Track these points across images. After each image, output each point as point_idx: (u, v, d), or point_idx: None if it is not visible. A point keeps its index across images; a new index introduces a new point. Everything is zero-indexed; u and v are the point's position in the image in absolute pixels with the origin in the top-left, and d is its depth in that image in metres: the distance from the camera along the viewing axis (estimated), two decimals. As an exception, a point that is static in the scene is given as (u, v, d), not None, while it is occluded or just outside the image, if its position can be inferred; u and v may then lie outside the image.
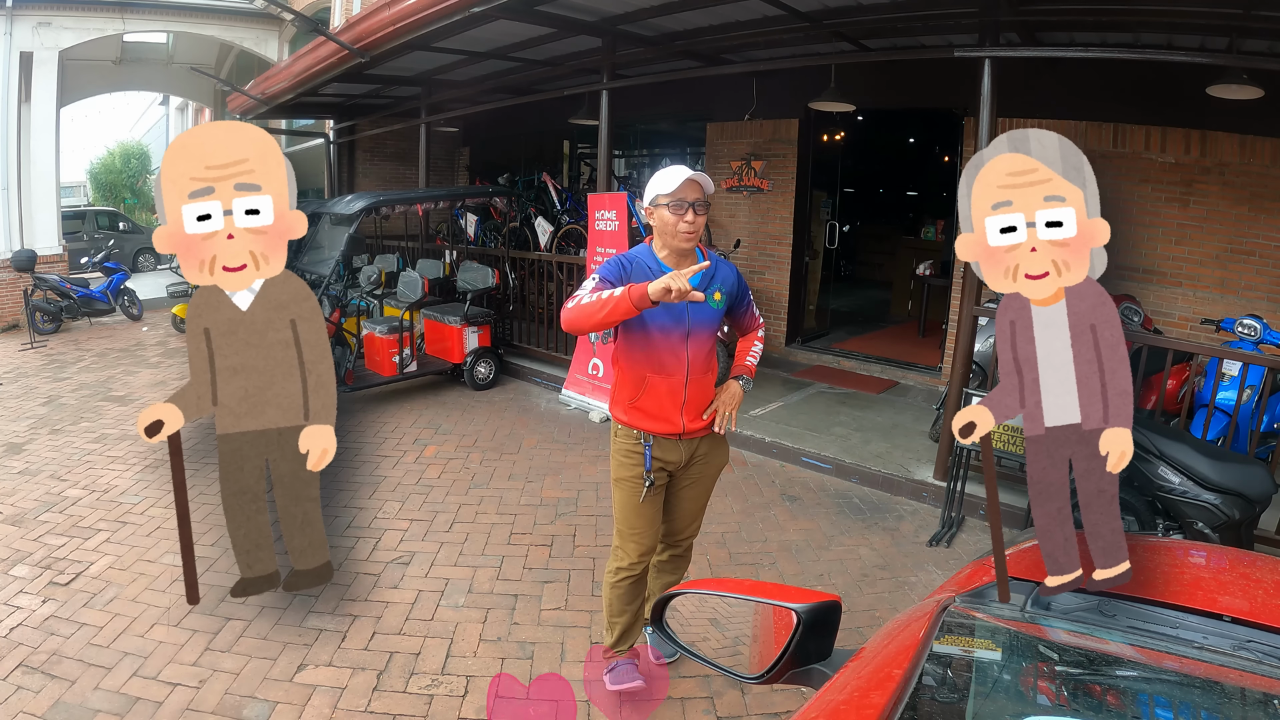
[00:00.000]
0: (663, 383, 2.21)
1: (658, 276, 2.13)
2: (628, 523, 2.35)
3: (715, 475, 2.44)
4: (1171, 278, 5.24)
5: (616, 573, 2.41)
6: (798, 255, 7.28)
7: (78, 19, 10.37)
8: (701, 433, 2.31)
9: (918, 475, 4.36)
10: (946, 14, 4.53)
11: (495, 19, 5.15)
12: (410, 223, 8.79)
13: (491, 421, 5.56)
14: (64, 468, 4.51)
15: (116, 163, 23.32)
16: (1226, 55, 4.07)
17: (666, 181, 2.13)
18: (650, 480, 2.28)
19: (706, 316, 2.22)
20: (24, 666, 2.59)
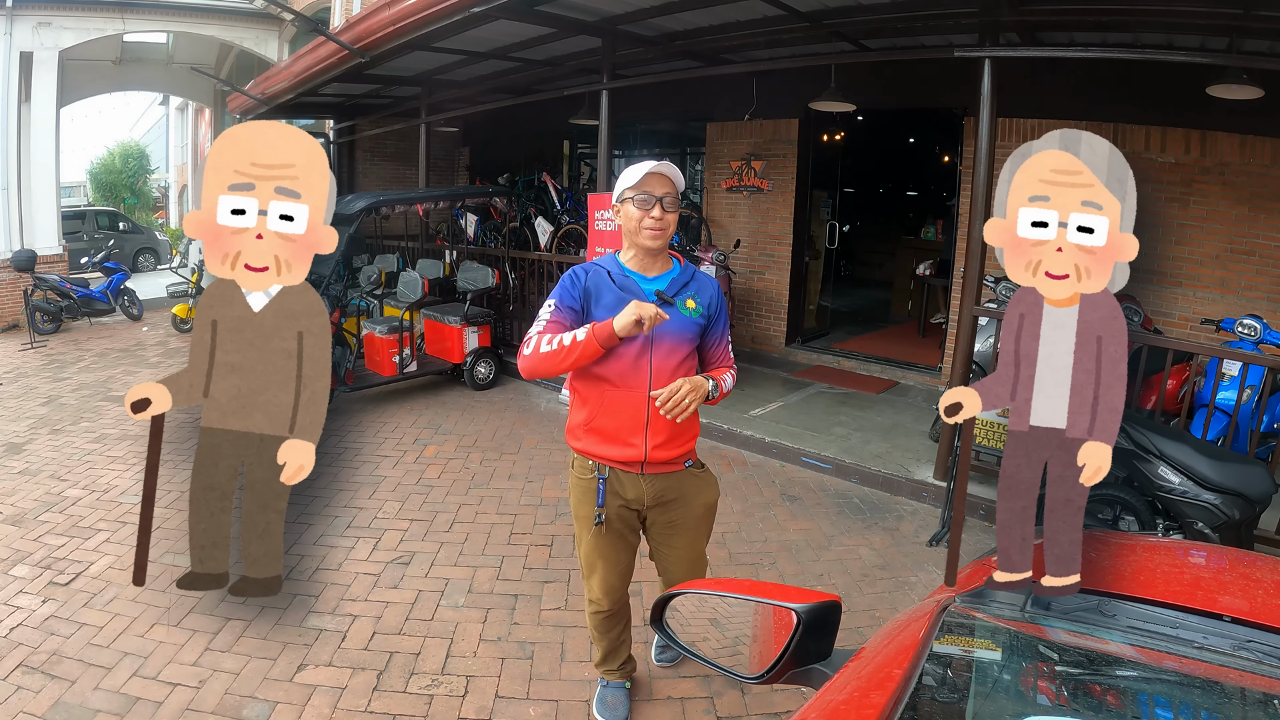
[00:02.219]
0: (623, 398, 1.96)
1: (617, 288, 1.97)
2: (588, 561, 2.16)
3: (705, 515, 2.17)
4: (1171, 278, 5.24)
5: (589, 603, 2.25)
6: (798, 255, 7.28)
7: (78, 19, 10.37)
8: (668, 467, 2.04)
9: (918, 475, 4.36)
10: (946, 14, 4.53)
11: (495, 19, 5.15)
12: (410, 223, 8.79)
13: (491, 421, 5.56)
14: (64, 468, 4.51)
15: (116, 163, 23.29)
16: (1226, 55, 4.07)
17: (631, 174, 1.95)
18: (600, 518, 2.03)
19: (675, 324, 1.96)
20: (24, 666, 2.59)
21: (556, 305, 1.97)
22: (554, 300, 1.99)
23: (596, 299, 1.98)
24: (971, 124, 5.50)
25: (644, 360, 1.96)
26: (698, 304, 2.03)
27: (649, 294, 1.98)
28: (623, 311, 1.80)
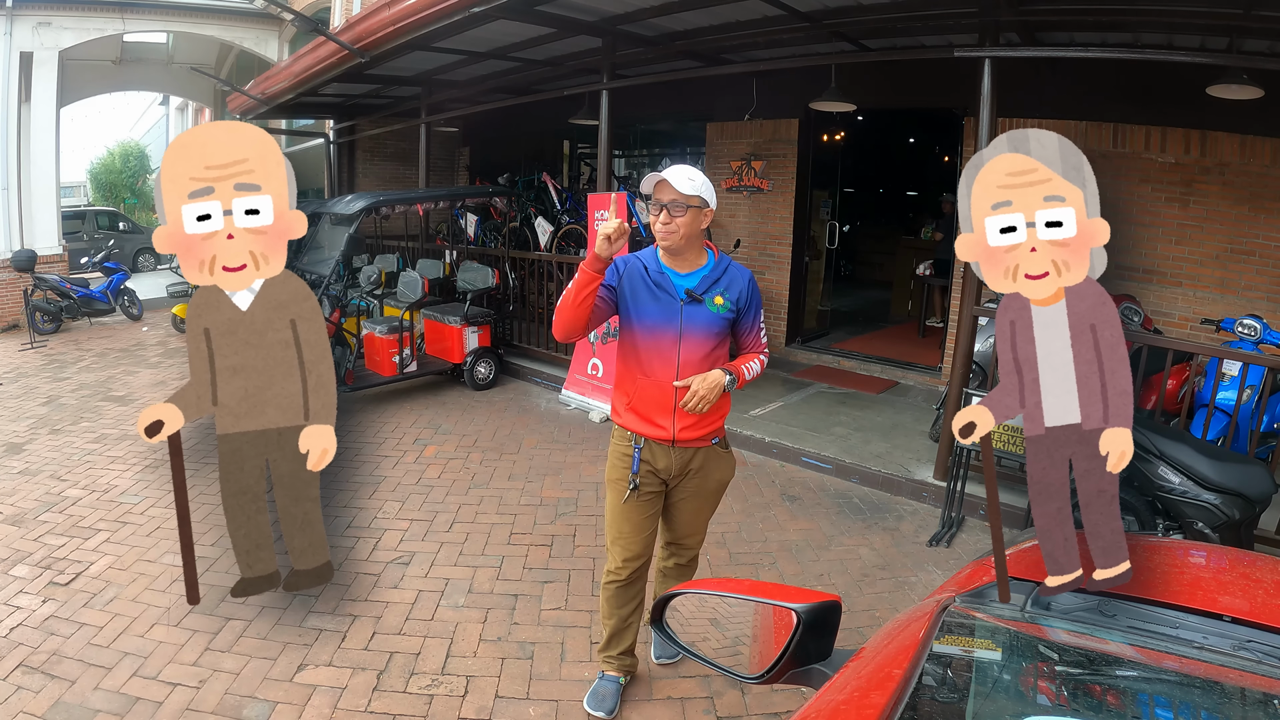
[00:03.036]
0: (652, 386, 2.16)
1: (648, 279, 2.15)
2: (615, 526, 2.32)
3: (716, 490, 2.35)
4: (1171, 278, 5.24)
5: (606, 574, 2.39)
6: (798, 255, 7.28)
7: (78, 19, 10.37)
8: (697, 444, 2.23)
9: (918, 475, 4.36)
10: (946, 14, 4.53)
11: (495, 19, 5.15)
12: (410, 223, 8.79)
13: (491, 421, 5.56)
14: (64, 468, 4.52)
15: (116, 163, 23.31)
16: (1226, 55, 4.07)
17: (646, 184, 2.14)
18: (635, 484, 2.22)
19: (703, 320, 2.14)
20: (24, 666, 2.59)
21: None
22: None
23: (631, 288, 2.16)
24: (971, 124, 5.50)
25: (672, 354, 2.15)
26: (726, 299, 2.17)
27: (680, 291, 2.14)
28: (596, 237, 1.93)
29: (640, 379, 2.18)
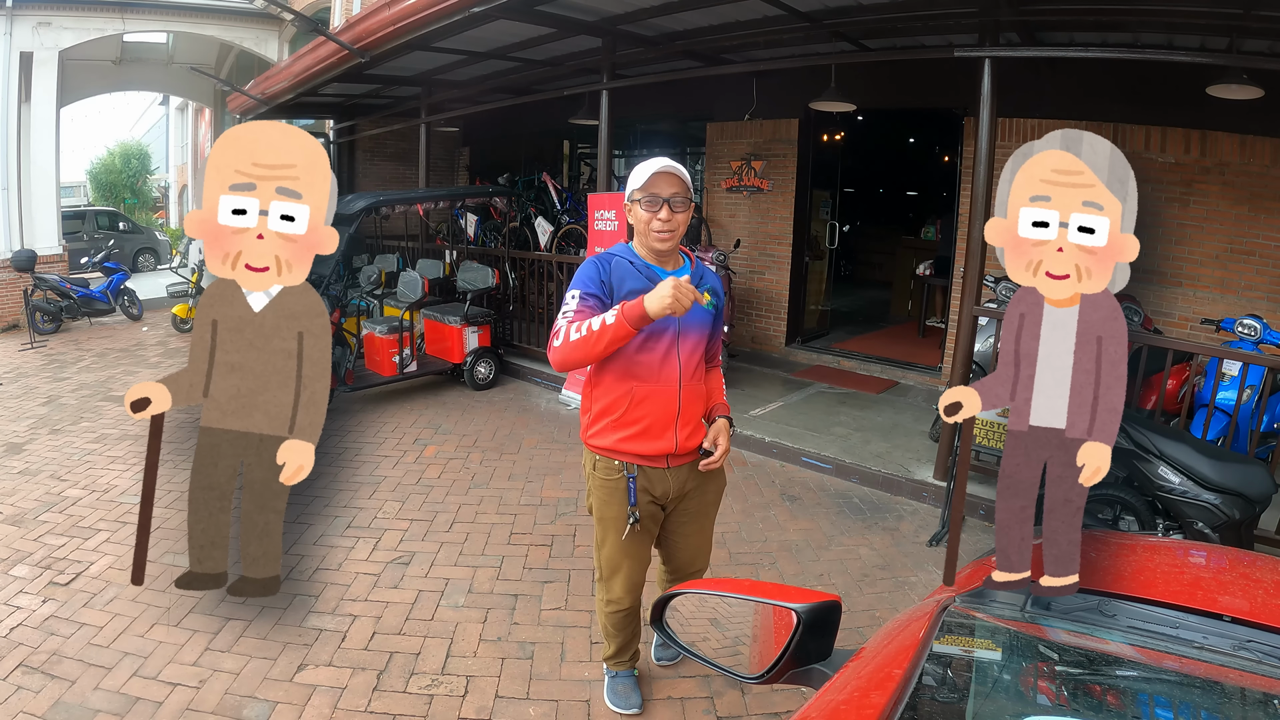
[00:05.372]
0: (655, 392, 1.98)
1: (642, 275, 1.96)
2: (613, 562, 2.16)
3: (715, 503, 2.26)
4: (1171, 278, 5.24)
5: (607, 603, 2.26)
6: (798, 255, 7.28)
7: (78, 19, 10.37)
8: (691, 457, 2.09)
9: (918, 475, 4.36)
10: (946, 14, 4.53)
11: (495, 19, 5.16)
12: (410, 223, 8.79)
13: (491, 421, 5.56)
14: (64, 468, 4.51)
15: (116, 163, 23.30)
16: (1226, 55, 4.07)
17: (638, 174, 1.94)
18: (635, 517, 2.05)
19: (698, 316, 2.01)
20: (24, 666, 2.59)
21: (582, 294, 1.92)
22: (578, 290, 1.94)
23: (619, 288, 1.95)
24: (971, 124, 5.50)
25: (672, 355, 1.99)
26: (711, 296, 2.04)
27: None
28: (656, 290, 1.71)
29: (638, 387, 1.99)
